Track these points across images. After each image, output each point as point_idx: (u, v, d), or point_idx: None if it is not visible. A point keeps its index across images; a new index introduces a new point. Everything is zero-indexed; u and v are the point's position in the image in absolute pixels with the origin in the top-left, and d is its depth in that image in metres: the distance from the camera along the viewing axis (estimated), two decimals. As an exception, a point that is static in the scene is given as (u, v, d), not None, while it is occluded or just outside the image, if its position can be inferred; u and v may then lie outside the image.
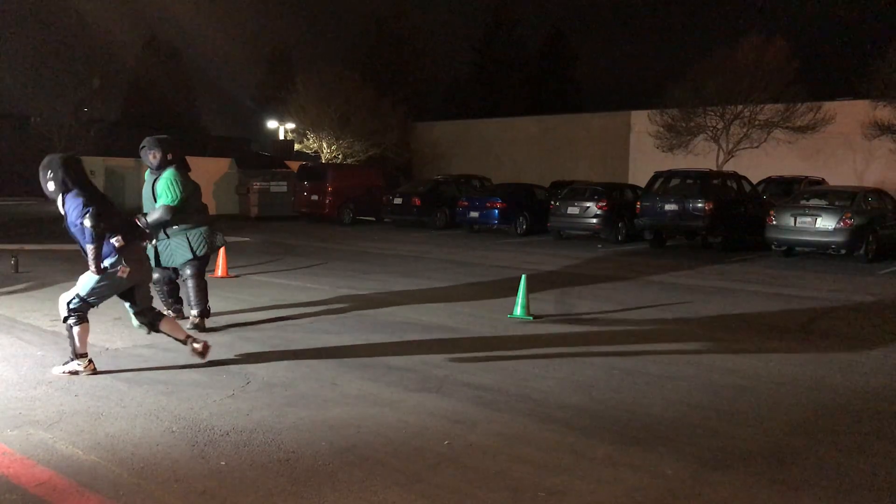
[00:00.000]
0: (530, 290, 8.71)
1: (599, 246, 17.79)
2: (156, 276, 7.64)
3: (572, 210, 18.77)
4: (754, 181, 19.86)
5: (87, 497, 3.58)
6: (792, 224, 15.11)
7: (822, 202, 15.29)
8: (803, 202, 15.54)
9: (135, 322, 5.96)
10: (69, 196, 5.69)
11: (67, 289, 6.00)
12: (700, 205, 16.50)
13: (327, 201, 23.61)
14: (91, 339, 6.77)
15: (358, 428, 4.60)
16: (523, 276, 8.70)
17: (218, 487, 3.71)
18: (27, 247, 14.13)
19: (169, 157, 7.40)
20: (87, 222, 5.54)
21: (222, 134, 50.88)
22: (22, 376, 5.54)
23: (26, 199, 35.84)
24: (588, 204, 18.51)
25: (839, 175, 24.89)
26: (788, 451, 4.41)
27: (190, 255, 7.43)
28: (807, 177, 21.55)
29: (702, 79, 25.20)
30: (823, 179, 21.99)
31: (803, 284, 11.83)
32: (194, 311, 7.48)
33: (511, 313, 8.47)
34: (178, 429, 4.52)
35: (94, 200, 5.68)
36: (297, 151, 35.65)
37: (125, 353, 6.32)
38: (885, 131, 22.90)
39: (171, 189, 7.28)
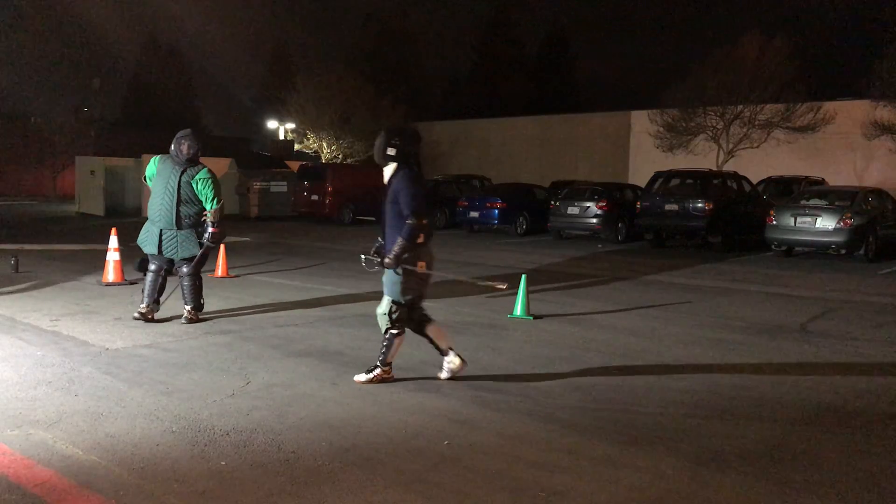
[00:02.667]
0: (530, 290, 8.72)
1: (599, 246, 17.79)
2: (153, 266, 7.66)
3: (572, 210, 18.77)
4: (754, 181, 19.86)
5: (87, 497, 3.58)
6: (792, 224, 15.11)
7: (822, 202, 15.29)
8: (803, 202, 15.54)
9: (391, 312, 5.61)
10: (404, 173, 5.47)
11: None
12: (700, 205, 16.51)
13: (327, 201, 23.61)
14: (91, 338, 6.80)
15: (358, 428, 4.60)
16: (523, 276, 8.70)
17: (218, 487, 3.71)
18: (27, 247, 14.13)
19: (199, 153, 7.62)
20: (410, 222, 5.33)
21: (222, 134, 50.90)
22: (22, 376, 5.54)
23: (26, 200, 35.84)
24: (588, 204, 18.51)
25: (839, 175, 24.89)
26: (788, 451, 4.41)
27: (197, 251, 7.60)
28: (807, 177, 21.55)
29: (702, 79, 25.19)
30: (823, 179, 22.00)
31: (803, 284, 11.83)
32: (188, 306, 7.64)
33: (511, 313, 8.47)
34: (178, 429, 4.52)
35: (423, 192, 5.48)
36: (297, 151, 35.66)
37: (125, 353, 6.32)
38: (885, 131, 22.89)
39: (217, 189, 7.59)
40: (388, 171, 5.58)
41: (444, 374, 5.71)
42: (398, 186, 5.45)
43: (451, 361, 5.67)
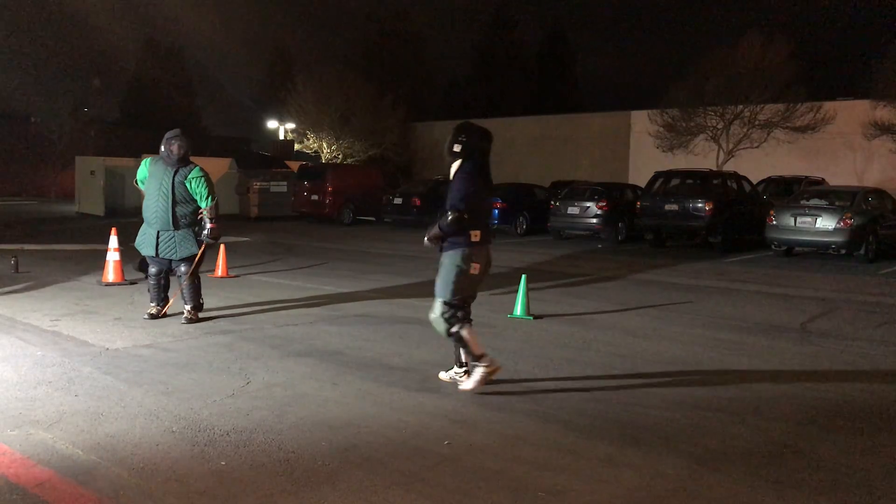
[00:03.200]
0: (530, 289, 8.72)
1: (599, 246, 17.79)
2: (153, 269, 7.70)
3: (572, 210, 18.77)
4: (754, 181, 19.86)
5: (87, 497, 3.58)
6: (792, 224, 15.11)
7: (822, 202, 15.29)
8: (803, 202, 15.54)
9: (443, 314, 5.43)
10: (463, 167, 5.46)
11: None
12: (700, 205, 16.50)
13: (327, 201, 23.61)
14: (91, 338, 6.80)
15: (358, 428, 4.60)
16: (523, 276, 8.70)
17: (218, 487, 3.71)
18: (27, 247, 14.13)
19: (190, 152, 7.65)
20: (449, 216, 5.27)
21: (222, 134, 50.90)
22: (22, 376, 5.54)
23: (26, 199, 35.85)
24: (588, 204, 18.51)
25: (839, 175, 24.89)
26: (788, 451, 4.41)
27: (196, 250, 7.59)
28: (807, 177, 21.56)
29: (702, 79, 25.19)
30: (823, 179, 22.00)
31: (803, 284, 11.83)
32: (188, 306, 7.67)
33: (511, 313, 8.47)
34: (178, 429, 4.52)
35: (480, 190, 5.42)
36: (297, 151, 35.65)
37: (125, 353, 6.32)
38: (885, 131, 22.89)
39: (211, 186, 7.60)
40: (454, 167, 5.55)
41: (467, 385, 5.41)
42: (453, 180, 5.44)
43: (478, 371, 5.36)
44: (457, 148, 5.47)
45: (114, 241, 10.09)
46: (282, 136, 39.19)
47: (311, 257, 14.03)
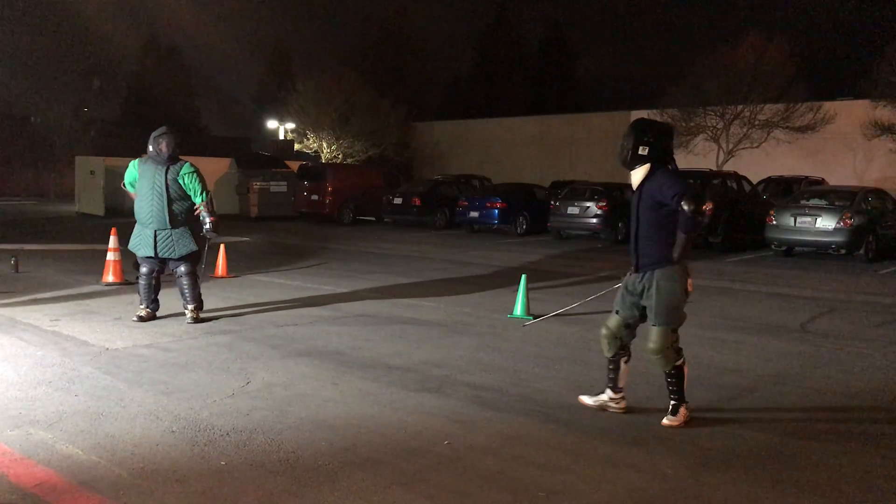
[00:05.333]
0: (530, 289, 8.72)
1: (599, 246, 17.79)
2: (144, 269, 7.62)
3: (572, 210, 18.77)
4: (754, 181, 19.86)
5: (87, 497, 3.58)
6: (792, 224, 15.11)
7: (822, 202, 15.30)
8: (803, 202, 15.54)
9: (613, 342, 4.93)
10: (662, 171, 4.72)
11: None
12: (700, 205, 16.47)
13: (327, 201, 23.61)
14: (91, 338, 6.80)
15: (358, 428, 4.60)
16: (523, 276, 8.70)
17: (218, 487, 3.71)
18: (27, 247, 14.13)
19: (179, 149, 7.62)
20: (687, 206, 4.45)
21: (222, 134, 50.87)
22: (22, 376, 5.54)
23: (26, 199, 35.84)
24: (588, 204, 18.50)
25: (839, 175, 24.88)
26: (788, 451, 4.41)
27: (194, 247, 7.56)
28: (807, 177, 21.55)
29: (702, 79, 25.19)
30: (823, 179, 21.99)
31: (803, 284, 11.83)
32: (190, 306, 7.64)
33: (511, 313, 8.47)
34: (178, 429, 4.52)
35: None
36: (297, 151, 35.64)
37: (125, 353, 6.32)
38: (885, 131, 22.88)
39: (203, 181, 7.59)
40: (639, 174, 4.77)
41: (589, 401, 5.11)
42: (658, 184, 4.62)
43: (610, 400, 5.02)
44: (643, 151, 4.72)
45: (114, 241, 10.08)
46: (282, 136, 39.18)
47: (311, 257, 14.03)
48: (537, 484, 3.84)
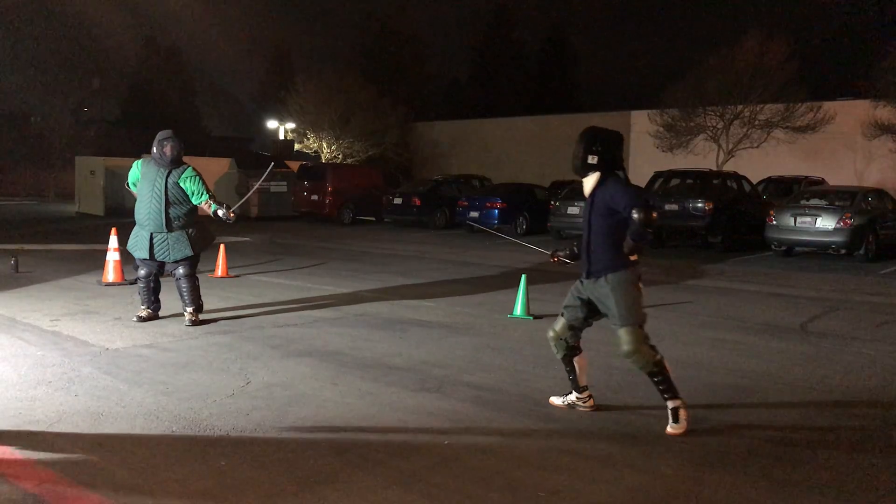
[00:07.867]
0: (530, 289, 8.72)
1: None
2: (143, 272, 7.62)
3: (572, 210, 18.75)
4: (754, 181, 19.85)
5: (87, 497, 3.58)
6: (792, 224, 15.11)
7: (822, 202, 15.29)
8: (803, 202, 15.54)
9: (559, 344, 5.08)
10: (613, 181, 4.77)
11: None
12: (700, 205, 16.50)
13: (327, 201, 23.61)
14: (91, 338, 6.80)
15: (358, 428, 4.60)
16: (523, 276, 8.70)
17: (218, 487, 3.71)
18: (27, 247, 14.13)
19: (182, 153, 7.62)
20: (638, 216, 4.48)
21: (222, 134, 50.90)
22: (22, 376, 5.54)
23: (26, 199, 35.84)
24: (588, 204, 18.47)
25: (839, 175, 24.88)
26: (788, 451, 4.41)
27: (189, 252, 7.51)
28: (807, 177, 21.54)
29: (702, 79, 25.18)
30: (823, 179, 21.99)
31: (803, 284, 11.83)
32: (189, 308, 7.60)
33: (511, 313, 8.47)
34: (178, 429, 4.52)
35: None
36: (297, 151, 35.64)
37: (125, 353, 6.32)
38: (885, 131, 22.87)
39: (205, 182, 7.57)
40: (590, 182, 4.87)
41: (558, 401, 5.18)
42: (610, 193, 4.72)
43: (578, 399, 5.10)
44: (592, 160, 4.81)
45: (114, 241, 10.08)
46: (282, 136, 39.18)
47: (311, 257, 14.03)
48: (537, 484, 3.84)
